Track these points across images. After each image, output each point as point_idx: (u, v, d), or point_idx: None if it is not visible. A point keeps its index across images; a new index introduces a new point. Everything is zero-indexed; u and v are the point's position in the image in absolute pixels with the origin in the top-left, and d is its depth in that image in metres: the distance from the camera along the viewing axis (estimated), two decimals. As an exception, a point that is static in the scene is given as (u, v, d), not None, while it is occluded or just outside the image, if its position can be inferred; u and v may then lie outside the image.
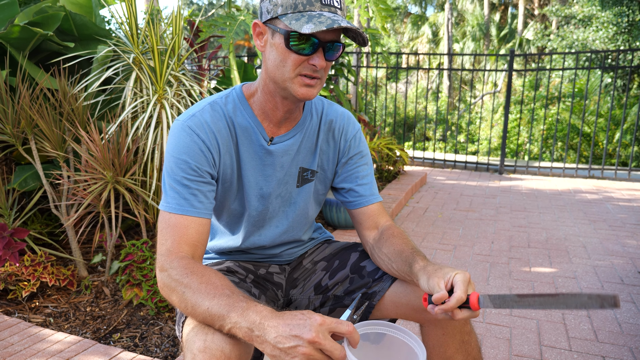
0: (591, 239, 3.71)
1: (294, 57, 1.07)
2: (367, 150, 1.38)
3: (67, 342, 1.99)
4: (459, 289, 0.94)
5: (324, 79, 1.14)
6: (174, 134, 1.15)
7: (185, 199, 1.11)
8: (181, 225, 1.09)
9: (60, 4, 2.99)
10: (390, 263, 1.18)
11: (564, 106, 11.10)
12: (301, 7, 1.05)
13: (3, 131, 2.47)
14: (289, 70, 1.09)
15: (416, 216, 4.36)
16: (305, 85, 1.10)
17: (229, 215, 1.31)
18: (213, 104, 1.19)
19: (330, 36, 1.07)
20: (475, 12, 24.78)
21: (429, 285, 0.99)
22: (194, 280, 0.98)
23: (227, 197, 1.26)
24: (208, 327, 0.96)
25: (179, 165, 1.12)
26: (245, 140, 1.21)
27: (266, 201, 1.28)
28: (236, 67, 3.55)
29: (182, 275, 1.00)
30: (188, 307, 0.97)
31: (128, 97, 2.52)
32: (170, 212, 1.10)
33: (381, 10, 3.81)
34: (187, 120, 1.15)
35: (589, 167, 6.37)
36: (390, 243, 1.20)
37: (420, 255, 1.11)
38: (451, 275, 0.97)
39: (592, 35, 11.12)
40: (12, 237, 2.40)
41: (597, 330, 2.29)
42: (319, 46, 1.07)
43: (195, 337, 0.95)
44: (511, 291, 2.73)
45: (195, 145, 1.13)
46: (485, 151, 13.01)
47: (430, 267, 1.03)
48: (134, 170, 2.48)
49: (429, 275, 1.00)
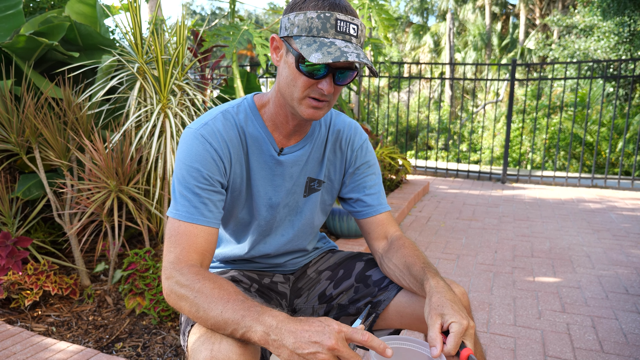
0: (595, 249, 3.69)
1: (304, 79, 1.07)
2: (374, 160, 1.38)
3: (69, 351, 1.98)
4: (450, 342, 0.90)
5: (333, 102, 1.14)
6: (186, 142, 1.14)
7: (196, 208, 1.10)
8: (190, 234, 1.08)
9: (66, 14, 3.02)
10: (402, 275, 1.17)
11: (566, 115, 11.11)
12: (315, 32, 1.03)
13: (7, 140, 2.48)
14: (298, 90, 1.09)
15: (419, 225, 4.35)
16: (312, 107, 1.10)
17: (237, 224, 1.30)
18: (225, 113, 1.19)
19: (342, 64, 1.06)
20: (476, 22, 24.89)
21: (427, 318, 0.97)
22: (206, 285, 0.98)
23: (236, 206, 1.26)
24: (215, 335, 0.95)
25: (190, 173, 1.11)
26: (255, 150, 1.22)
27: (274, 210, 1.28)
28: (239, 76, 3.57)
29: (192, 281, 1.00)
30: (200, 312, 0.96)
31: (132, 106, 2.53)
32: (180, 219, 1.09)
33: (383, 20, 3.83)
34: (199, 128, 1.15)
35: (592, 177, 6.36)
36: (400, 254, 1.19)
37: (431, 271, 1.09)
38: (448, 321, 0.93)
39: (594, 45, 11.15)
40: (15, 246, 2.40)
41: (603, 340, 2.28)
42: (329, 72, 1.06)
43: (201, 347, 0.95)
44: (515, 302, 2.71)
45: (207, 153, 1.13)
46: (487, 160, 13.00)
47: (435, 298, 0.99)
48: (138, 179, 2.49)
49: (430, 307, 0.98)
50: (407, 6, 28.46)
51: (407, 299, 1.20)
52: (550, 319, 2.51)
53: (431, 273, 1.08)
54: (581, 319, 2.51)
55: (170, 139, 2.44)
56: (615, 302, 2.72)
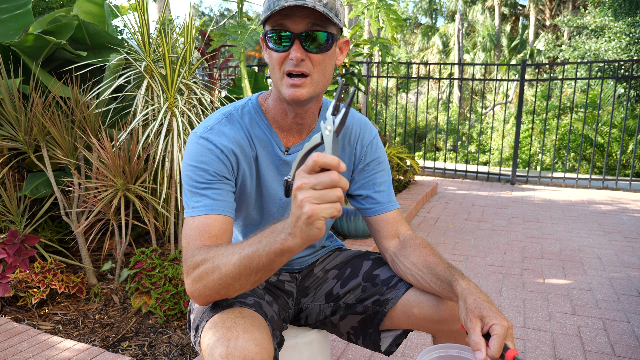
0: (606, 251, 3.64)
1: (275, 55, 1.05)
2: (384, 156, 1.34)
3: (75, 349, 1.97)
4: (494, 345, 0.88)
5: (317, 78, 1.08)
6: (190, 146, 1.13)
7: (209, 198, 1.08)
8: (203, 225, 1.06)
9: (74, 14, 3.03)
10: (421, 274, 1.14)
11: (576, 116, 11.01)
12: (271, 4, 1.01)
13: (15, 138, 2.49)
14: (276, 70, 1.07)
15: (427, 226, 4.31)
16: (291, 86, 1.06)
17: (247, 224, 1.29)
18: (229, 116, 1.18)
19: (303, 25, 1.02)
20: (485, 23, 24.77)
21: (465, 321, 0.94)
22: (217, 250, 0.97)
23: (247, 205, 1.24)
24: (231, 332, 0.93)
25: (196, 172, 1.10)
26: (263, 152, 1.20)
27: (285, 210, 1.27)
28: (247, 76, 3.56)
29: (203, 254, 0.98)
30: (223, 271, 0.94)
31: (139, 104, 2.52)
32: (194, 215, 1.08)
33: (392, 20, 3.80)
34: (204, 132, 1.13)
35: (603, 178, 6.28)
36: (419, 253, 1.16)
37: (457, 272, 1.07)
38: (489, 323, 0.91)
39: (605, 46, 11.04)
40: (22, 244, 2.41)
41: (615, 344, 2.24)
42: (293, 38, 1.03)
43: (217, 343, 0.93)
44: (525, 303, 2.68)
45: (212, 154, 1.11)
46: (496, 161, 12.91)
47: (470, 300, 0.96)
48: (145, 178, 2.48)
49: (468, 310, 0.95)
50: (416, 7, 28.40)
51: (416, 298, 1.17)
52: (561, 321, 2.47)
53: (459, 274, 1.05)
54: (592, 321, 2.47)
55: (177, 137, 2.44)
56: (627, 304, 2.67)
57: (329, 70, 1.10)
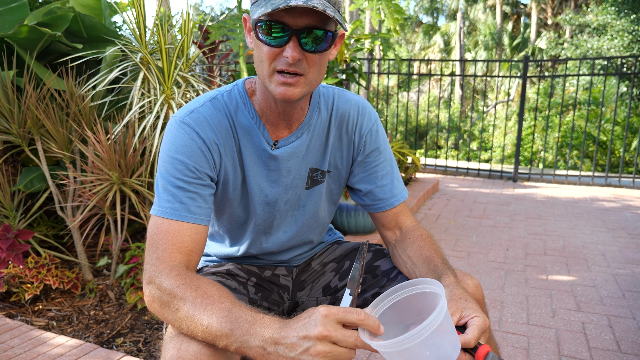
0: (610, 247, 3.59)
1: (267, 50, 0.94)
2: (385, 144, 1.23)
3: (68, 345, 1.93)
4: (472, 333, 0.82)
5: (312, 78, 0.98)
6: (170, 132, 1.04)
7: (182, 203, 0.99)
8: (175, 232, 0.97)
9: (70, 6, 2.98)
10: (413, 267, 1.09)
11: (579, 114, 10.94)
12: None
13: (9, 131, 2.44)
14: (265, 65, 0.96)
15: (428, 223, 4.26)
16: (282, 84, 0.95)
17: (231, 222, 1.20)
18: (214, 100, 1.08)
19: (303, 22, 0.91)
20: (487, 22, 24.71)
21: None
22: (188, 293, 0.87)
23: (231, 202, 1.15)
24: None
25: (174, 165, 1.01)
26: (247, 143, 1.10)
27: (272, 208, 1.17)
28: (246, 71, 3.51)
29: (174, 286, 0.89)
30: (183, 326, 0.86)
31: (135, 97, 2.48)
32: (164, 217, 0.98)
33: (392, 12, 3.76)
34: (184, 116, 1.04)
35: (606, 175, 6.22)
36: (417, 246, 1.11)
37: (450, 269, 1.02)
38: (470, 315, 0.85)
39: (607, 44, 10.98)
40: (16, 239, 2.36)
41: (620, 340, 2.19)
42: (291, 35, 0.91)
43: (169, 345, 0.87)
44: (528, 300, 2.63)
45: (194, 144, 1.02)
46: (498, 159, 12.86)
47: (457, 291, 0.91)
48: (141, 172, 2.44)
49: (451, 298, 0.90)
50: (417, 6, 28.32)
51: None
52: (565, 317, 2.42)
53: (450, 270, 1.01)
54: (597, 318, 2.42)
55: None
56: (632, 301, 2.62)
57: (324, 67, 1.02)
